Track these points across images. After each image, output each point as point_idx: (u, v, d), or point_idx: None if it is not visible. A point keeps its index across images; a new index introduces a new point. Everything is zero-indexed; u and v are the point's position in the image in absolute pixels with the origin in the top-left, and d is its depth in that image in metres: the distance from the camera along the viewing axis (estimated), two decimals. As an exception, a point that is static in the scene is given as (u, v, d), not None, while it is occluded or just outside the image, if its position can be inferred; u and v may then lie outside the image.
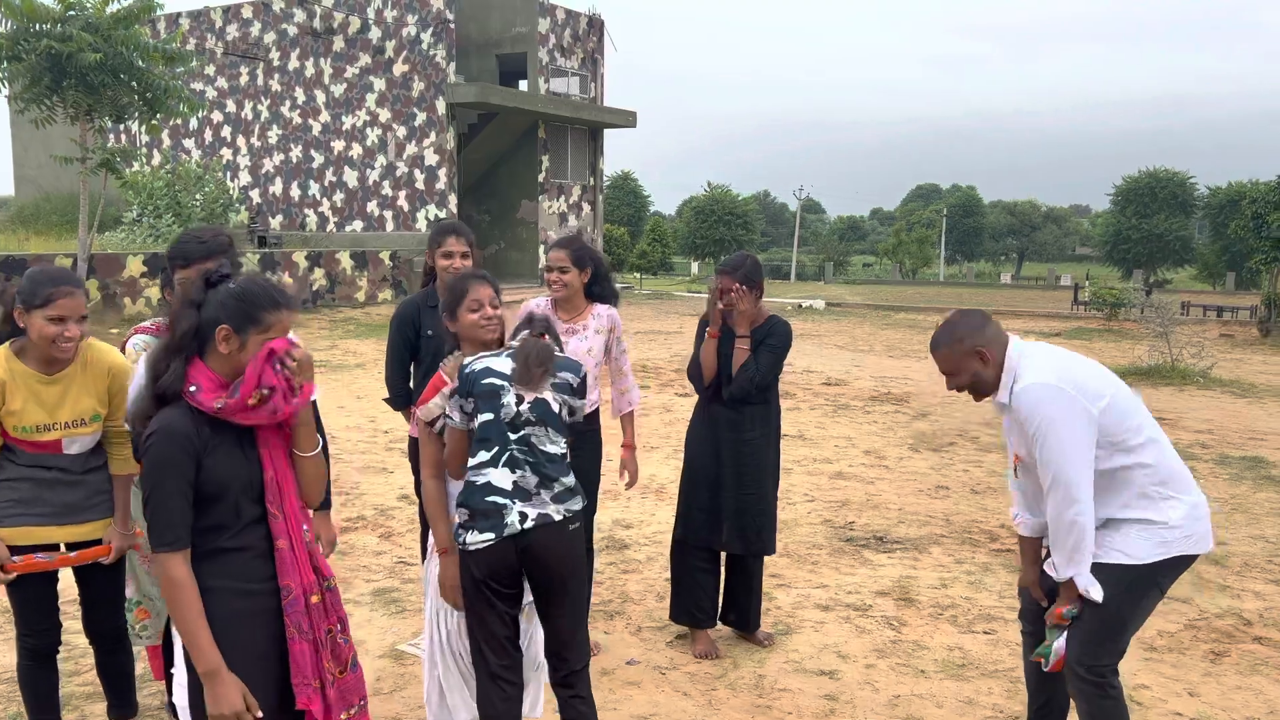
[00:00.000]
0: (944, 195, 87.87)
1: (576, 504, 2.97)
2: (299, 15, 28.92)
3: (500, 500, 2.86)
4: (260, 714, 2.26)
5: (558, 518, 2.90)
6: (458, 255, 3.95)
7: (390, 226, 27.99)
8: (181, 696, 2.33)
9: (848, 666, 4.31)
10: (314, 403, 2.89)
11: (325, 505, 3.24)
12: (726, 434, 4.35)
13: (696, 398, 4.57)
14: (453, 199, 27.32)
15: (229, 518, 2.30)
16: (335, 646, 2.43)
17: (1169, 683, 4.18)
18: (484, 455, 2.91)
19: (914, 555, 5.82)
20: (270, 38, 29.53)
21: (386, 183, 28.21)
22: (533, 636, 3.24)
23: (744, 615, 4.52)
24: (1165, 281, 46.21)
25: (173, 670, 2.44)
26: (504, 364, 2.96)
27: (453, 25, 27.01)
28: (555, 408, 2.96)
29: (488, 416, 2.92)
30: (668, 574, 4.83)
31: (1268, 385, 13.55)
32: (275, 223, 29.93)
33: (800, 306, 26.99)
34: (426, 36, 27.14)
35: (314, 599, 2.38)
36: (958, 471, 7.98)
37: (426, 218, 27.48)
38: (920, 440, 9.21)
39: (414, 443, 3.98)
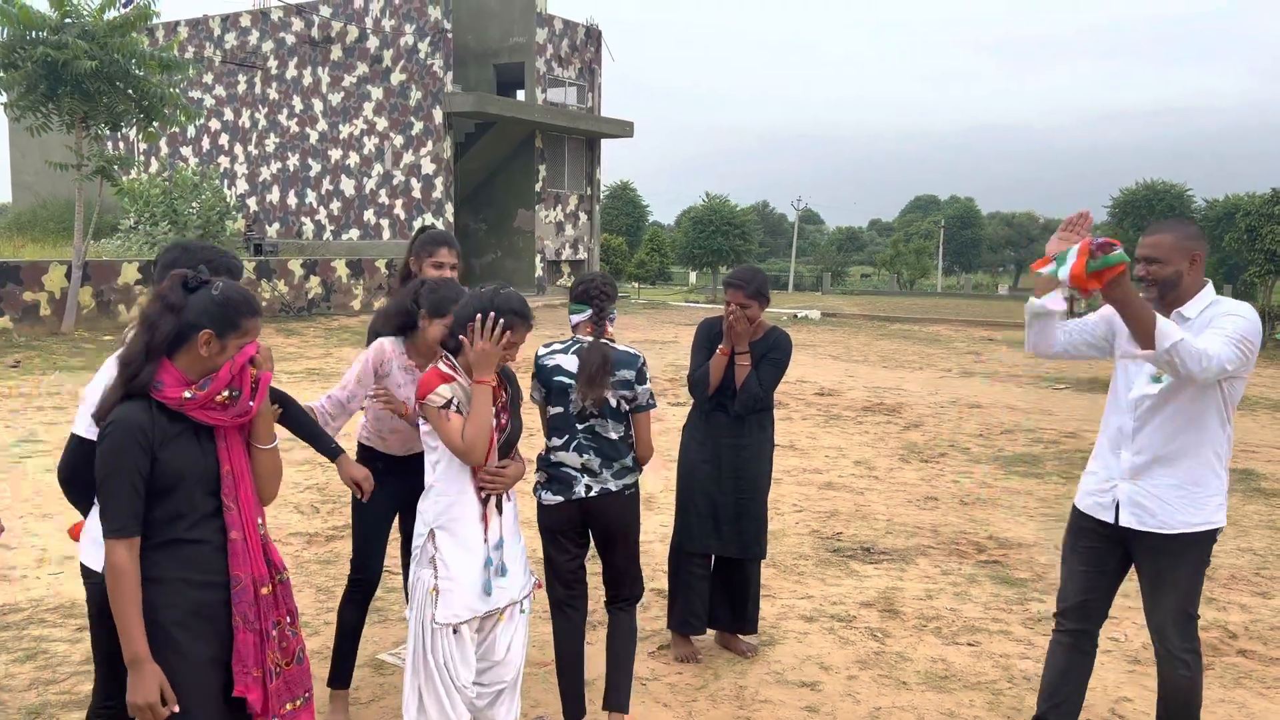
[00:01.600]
0: (942, 207, 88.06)
1: (632, 478, 3.64)
2: (297, 24, 29.00)
3: (571, 473, 3.56)
4: (177, 709, 2.30)
5: (615, 488, 3.58)
6: (448, 266, 4.00)
7: (387, 235, 28.01)
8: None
9: (829, 678, 4.29)
10: (283, 397, 2.92)
11: (338, 451, 3.35)
12: (726, 441, 4.38)
13: (688, 407, 4.58)
14: (449, 208, 27.35)
15: (185, 508, 2.37)
16: (284, 638, 2.48)
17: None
18: (557, 441, 3.58)
19: (900, 566, 5.81)
20: (268, 46, 29.61)
21: (383, 191, 28.24)
22: (510, 644, 3.22)
23: (743, 617, 4.54)
24: (1162, 293, 46.14)
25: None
26: (570, 362, 3.56)
27: (450, 35, 27.09)
28: (614, 403, 3.56)
29: (559, 410, 3.57)
30: (653, 584, 4.81)
31: (1261, 397, 13.56)
32: (272, 231, 29.96)
33: (796, 316, 27.01)
34: (424, 46, 27.20)
35: (264, 590, 2.44)
36: (947, 482, 7.97)
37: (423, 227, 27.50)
38: (911, 451, 9.20)
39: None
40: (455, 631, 3.06)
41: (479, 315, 3.04)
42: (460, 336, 3.10)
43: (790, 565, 5.79)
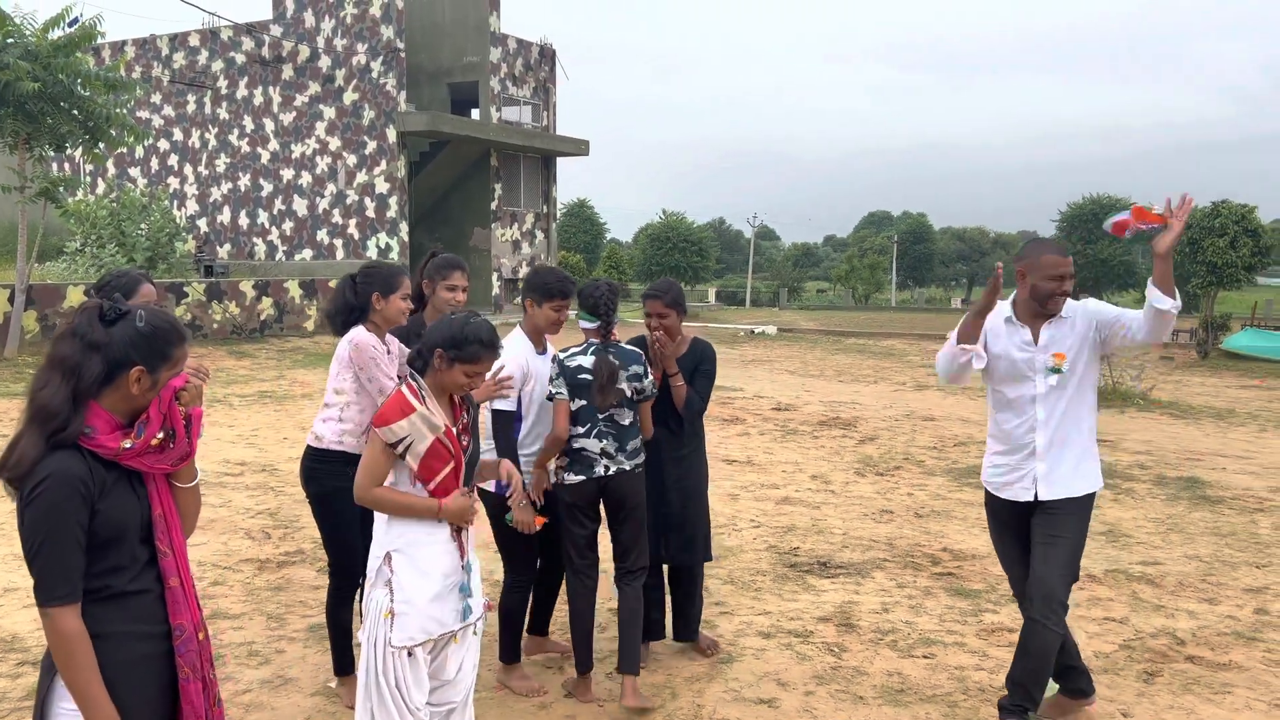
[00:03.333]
0: (895, 222, 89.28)
1: (641, 457, 4.22)
2: (247, 43, 28.74)
3: (591, 457, 4.10)
4: None
5: (629, 467, 4.16)
6: (460, 289, 4.37)
7: (340, 254, 27.77)
8: None
9: (787, 694, 4.29)
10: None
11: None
12: (668, 454, 4.52)
13: None
14: (404, 227, 27.19)
15: (126, 559, 2.21)
16: (213, 684, 2.37)
17: (1103, 703, 4.21)
18: (580, 430, 4.10)
19: (856, 580, 5.84)
20: (218, 66, 29.30)
21: (337, 211, 28.01)
22: (461, 665, 3.20)
23: (688, 623, 4.70)
24: (1110, 305, 47.06)
25: None
26: (589, 361, 4.11)
27: (403, 54, 27.00)
28: (629, 393, 4.13)
29: (583, 403, 4.08)
30: (609, 604, 4.79)
31: (1205, 406, 13.86)
32: (223, 252, 29.57)
33: (753, 332, 27.17)
34: (377, 65, 27.08)
35: (200, 636, 2.32)
36: (902, 495, 8.04)
37: (378, 246, 27.31)
38: (866, 465, 9.27)
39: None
40: (410, 654, 3.04)
41: (442, 348, 3.10)
42: (432, 355, 3.10)
43: (748, 581, 5.79)
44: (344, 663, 4.15)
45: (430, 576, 3.07)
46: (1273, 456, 10.02)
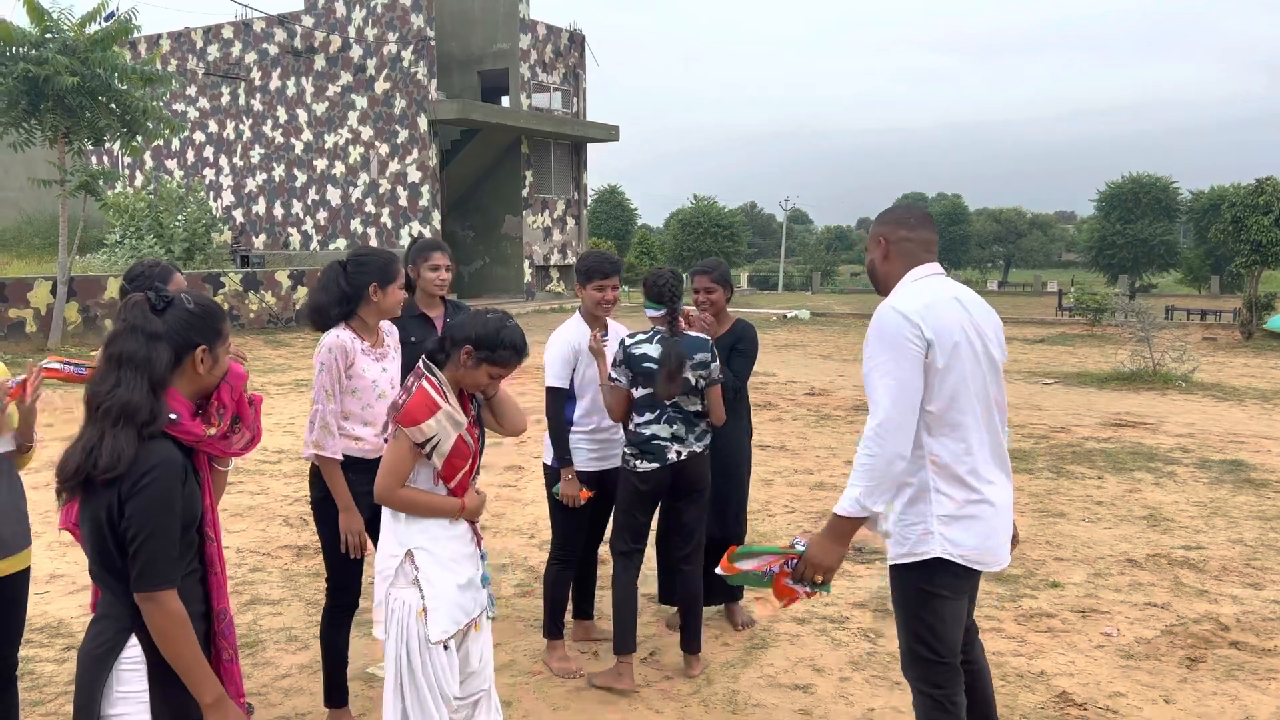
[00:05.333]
0: (930, 204, 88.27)
1: (708, 439, 4.23)
2: (280, 35, 28.94)
3: (663, 443, 4.09)
4: None
5: (699, 450, 4.17)
6: (444, 268, 4.24)
7: (374, 244, 27.95)
8: None
9: (822, 680, 4.27)
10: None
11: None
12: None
13: None
14: (436, 215, 27.32)
15: (187, 545, 2.26)
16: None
17: (1145, 690, 4.16)
18: (649, 416, 4.09)
19: (892, 565, 5.79)
20: (251, 57, 29.55)
21: (370, 200, 28.19)
22: (482, 653, 3.20)
23: (714, 593, 4.70)
24: (1151, 286, 46.37)
25: None
26: (654, 349, 4.07)
27: (433, 43, 27.06)
28: (694, 381, 4.09)
29: (649, 390, 4.07)
30: (645, 589, 4.79)
31: (1249, 388, 13.60)
32: (259, 242, 29.88)
33: (785, 317, 27.02)
34: (407, 54, 27.17)
35: (231, 615, 2.40)
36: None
37: (410, 234, 27.46)
38: (902, 449, 9.19)
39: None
40: (445, 647, 3.04)
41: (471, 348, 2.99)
42: (458, 350, 3.02)
43: (782, 567, 5.77)
44: (337, 695, 3.79)
45: (454, 568, 3.07)
46: (1319, 438, 9.81)
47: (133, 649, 2.16)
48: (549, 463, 4.36)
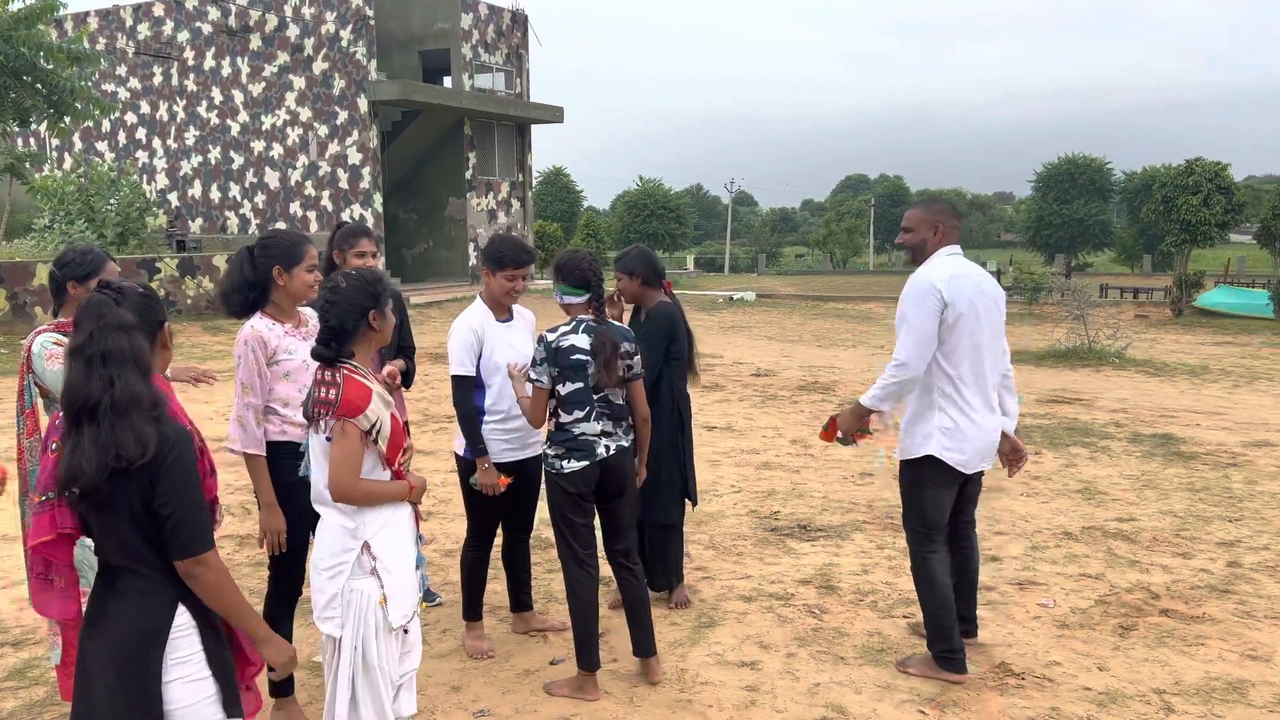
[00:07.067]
0: (872, 186, 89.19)
1: (632, 434, 4.05)
2: (213, 13, 28.21)
3: (592, 439, 3.88)
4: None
5: (626, 444, 3.99)
6: (369, 255, 4.33)
7: (314, 227, 27.46)
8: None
9: (769, 656, 4.33)
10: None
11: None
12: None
13: None
14: (378, 198, 26.93)
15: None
16: None
17: (1080, 658, 4.28)
18: (578, 414, 3.87)
19: (836, 543, 5.89)
20: (184, 36, 28.77)
21: (309, 183, 27.68)
22: (413, 632, 3.20)
23: (654, 577, 4.80)
24: (1087, 265, 47.43)
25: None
26: (583, 340, 3.85)
27: (373, 22, 26.59)
28: (621, 373, 3.92)
29: (578, 385, 3.85)
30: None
31: (1179, 363, 14.01)
32: (195, 226, 29.19)
33: (731, 299, 27.16)
34: (346, 33, 26.67)
35: None
36: (881, 458, 8.09)
37: (351, 217, 27.02)
38: (846, 428, 9.31)
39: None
40: (406, 631, 3.09)
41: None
42: (362, 321, 3.00)
43: (729, 546, 5.83)
44: (283, 684, 3.71)
45: (404, 552, 3.07)
46: (1245, 412, 10.15)
47: (182, 616, 2.36)
48: (461, 452, 4.22)
